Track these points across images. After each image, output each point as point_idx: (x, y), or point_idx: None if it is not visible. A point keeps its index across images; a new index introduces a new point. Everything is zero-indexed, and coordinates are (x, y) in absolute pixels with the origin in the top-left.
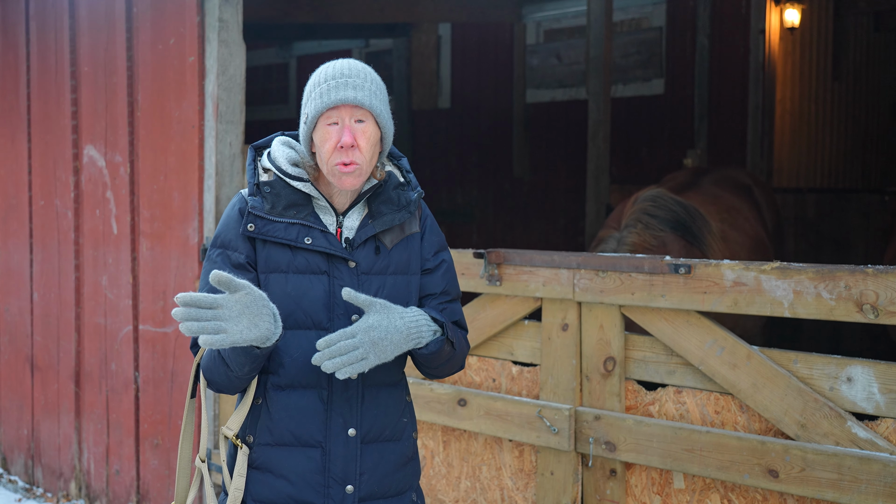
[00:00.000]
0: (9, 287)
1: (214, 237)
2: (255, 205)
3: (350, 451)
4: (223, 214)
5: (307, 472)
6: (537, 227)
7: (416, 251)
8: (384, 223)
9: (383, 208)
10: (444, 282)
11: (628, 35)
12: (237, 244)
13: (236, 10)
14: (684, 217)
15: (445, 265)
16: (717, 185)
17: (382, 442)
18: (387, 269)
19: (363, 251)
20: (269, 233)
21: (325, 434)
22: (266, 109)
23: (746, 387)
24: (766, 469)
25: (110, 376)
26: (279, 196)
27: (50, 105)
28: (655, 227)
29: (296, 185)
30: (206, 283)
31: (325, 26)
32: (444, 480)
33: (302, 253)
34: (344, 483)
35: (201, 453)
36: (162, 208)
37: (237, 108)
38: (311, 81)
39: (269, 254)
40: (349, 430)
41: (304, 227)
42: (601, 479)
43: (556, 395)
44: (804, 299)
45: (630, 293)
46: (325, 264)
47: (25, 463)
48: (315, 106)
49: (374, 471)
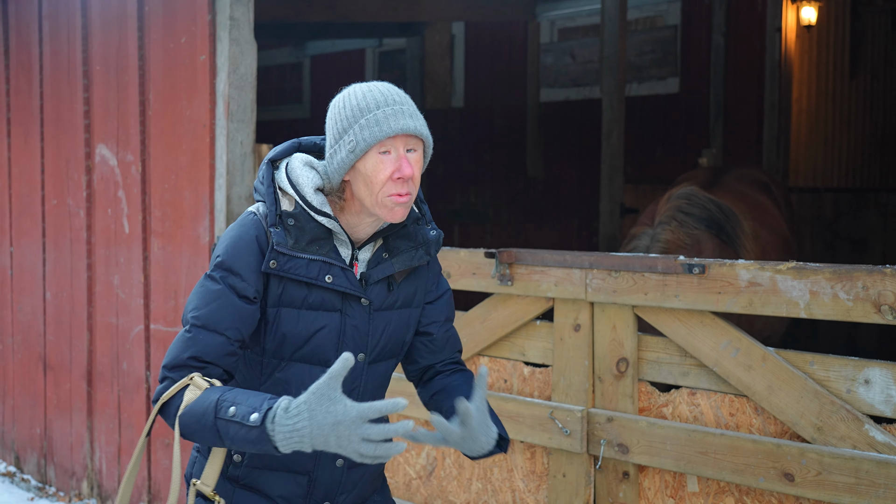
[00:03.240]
0: (22, 286)
1: (220, 257)
2: (280, 241)
3: (335, 478)
4: (232, 233)
5: (292, 495)
6: (551, 226)
7: (423, 283)
8: (402, 262)
9: (401, 244)
10: (448, 308)
11: (643, 33)
12: (247, 275)
13: (247, 9)
14: (719, 216)
15: (448, 292)
16: (739, 182)
17: (364, 465)
18: (395, 305)
19: (377, 288)
20: (291, 270)
21: (314, 463)
22: (280, 109)
23: (762, 389)
24: (782, 472)
25: (122, 375)
26: (303, 230)
27: (62, 104)
28: (690, 225)
29: (320, 219)
30: (204, 301)
31: (339, 25)
32: (455, 482)
33: (318, 290)
34: (324, 501)
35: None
36: (173, 207)
37: (248, 106)
38: (355, 106)
39: (284, 288)
40: (337, 460)
41: (324, 264)
42: (614, 481)
43: (568, 396)
44: (821, 300)
45: (643, 293)
46: (340, 302)
47: (38, 462)
48: (371, 134)
49: (353, 489)
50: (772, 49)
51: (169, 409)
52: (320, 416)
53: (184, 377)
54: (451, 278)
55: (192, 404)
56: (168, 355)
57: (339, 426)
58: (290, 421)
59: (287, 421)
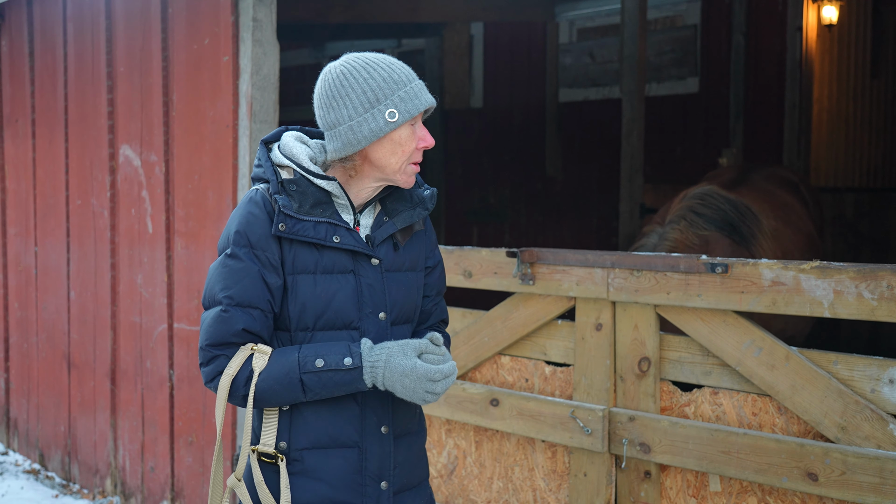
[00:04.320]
0: (46, 285)
1: (233, 235)
2: (286, 204)
3: (384, 448)
4: (240, 211)
5: (344, 472)
6: (570, 227)
7: (422, 249)
8: (403, 220)
9: (398, 206)
10: (440, 281)
11: (662, 33)
12: (266, 244)
13: (270, 10)
14: (733, 216)
15: (441, 265)
16: (767, 181)
17: (408, 435)
18: (402, 266)
19: (383, 248)
20: (300, 232)
21: (361, 433)
22: (299, 110)
23: (785, 388)
24: (806, 472)
25: (145, 374)
26: (305, 194)
27: (87, 105)
28: (700, 225)
29: (320, 182)
30: (233, 280)
31: (358, 26)
32: (476, 481)
33: (328, 252)
34: (379, 480)
35: (238, 472)
36: (196, 207)
37: (271, 107)
38: (387, 77)
39: (296, 254)
40: (382, 427)
41: (330, 225)
42: (635, 480)
43: (589, 395)
44: (845, 299)
45: (665, 293)
46: (351, 263)
47: (62, 459)
48: (414, 106)
49: (403, 464)
50: (792, 48)
51: (237, 381)
52: (393, 364)
53: (235, 352)
54: (473, 278)
55: (268, 368)
56: (208, 335)
57: (405, 378)
58: (371, 358)
59: (369, 358)
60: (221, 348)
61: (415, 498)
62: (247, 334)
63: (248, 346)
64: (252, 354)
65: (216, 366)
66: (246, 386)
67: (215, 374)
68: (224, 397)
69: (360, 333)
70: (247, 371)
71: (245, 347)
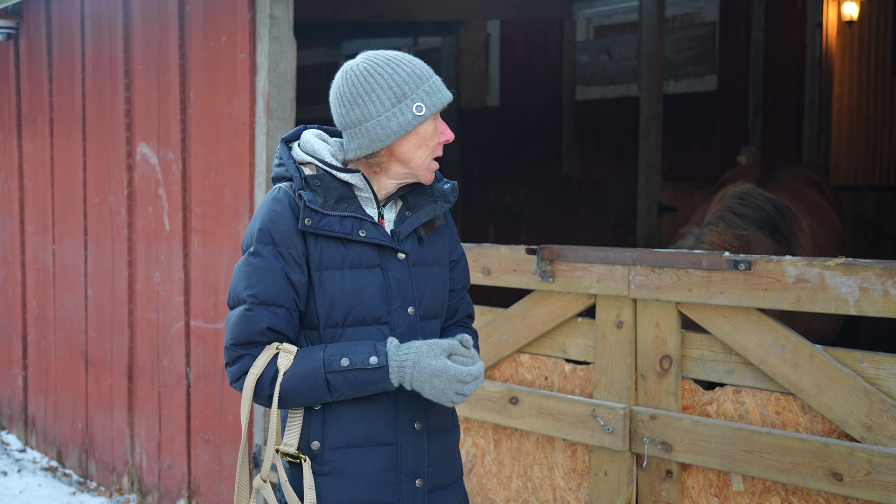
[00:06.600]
0: (64, 283)
1: (256, 233)
2: (311, 199)
3: (419, 445)
4: (264, 209)
5: (379, 470)
6: (587, 225)
7: (445, 243)
8: (427, 213)
9: (420, 200)
10: (465, 275)
11: (681, 30)
12: (290, 241)
13: (287, 7)
14: (774, 215)
15: (464, 258)
16: (794, 180)
17: (442, 432)
18: (428, 261)
19: (409, 242)
20: (326, 227)
21: (395, 430)
22: (316, 109)
23: (809, 387)
24: (830, 472)
25: (162, 372)
26: (329, 189)
27: (104, 103)
28: (739, 225)
29: (344, 177)
30: (256, 279)
31: (374, 24)
32: (494, 479)
33: (354, 247)
34: (414, 477)
35: (263, 473)
36: (213, 205)
37: (288, 104)
38: (410, 72)
39: (322, 250)
40: (415, 423)
41: (356, 219)
42: (656, 479)
43: (610, 393)
44: (871, 296)
45: (687, 290)
46: (378, 257)
47: (80, 457)
48: (438, 99)
49: (437, 461)
50: (812, 45)
51: (262, 381)
52: (422, 364)
53: (261, 351)
54: (492, 275)
55: (293, 368)
56: (232, 335)
57: (434, 378)
58: (398, 357)
59: (396, 357)
60: (246, 347)
61: (449, 496)
62: (272, 333)
63: (274, 345)
64: (277, 354)
65: (241, 365)
66: (271, 386)
67: (240, 373)
68: (249, 397)
69: (390, 329)
70: (272, 370)
71: (270, 346)
